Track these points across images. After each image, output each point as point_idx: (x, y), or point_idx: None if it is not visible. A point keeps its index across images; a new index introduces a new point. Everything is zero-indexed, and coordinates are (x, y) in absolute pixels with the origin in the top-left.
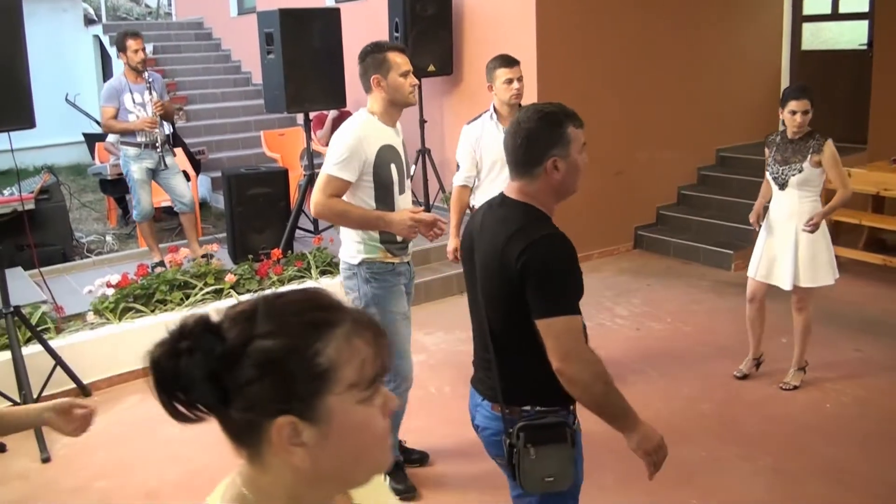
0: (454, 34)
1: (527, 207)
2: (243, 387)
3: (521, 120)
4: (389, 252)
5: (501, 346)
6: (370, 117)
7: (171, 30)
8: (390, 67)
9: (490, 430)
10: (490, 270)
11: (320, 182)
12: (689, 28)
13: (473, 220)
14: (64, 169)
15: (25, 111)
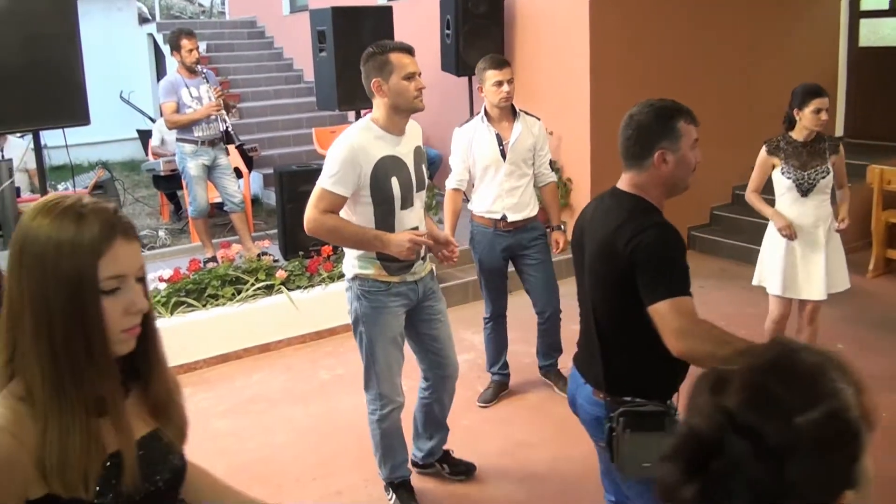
0: (506, 31)
1: (636, 198)
2: (803, 478)
3: (634, 112)
4: (386, 270)
5: (607, 335)
6: (370, 126)
7: (225, 28)
8: (392, 70)
9: (591, 413)
10: (599, 260)
11: (313, 196)
12: (743, 25)
13: (584, 212)
14: (118, 165)
15: (80, 108)
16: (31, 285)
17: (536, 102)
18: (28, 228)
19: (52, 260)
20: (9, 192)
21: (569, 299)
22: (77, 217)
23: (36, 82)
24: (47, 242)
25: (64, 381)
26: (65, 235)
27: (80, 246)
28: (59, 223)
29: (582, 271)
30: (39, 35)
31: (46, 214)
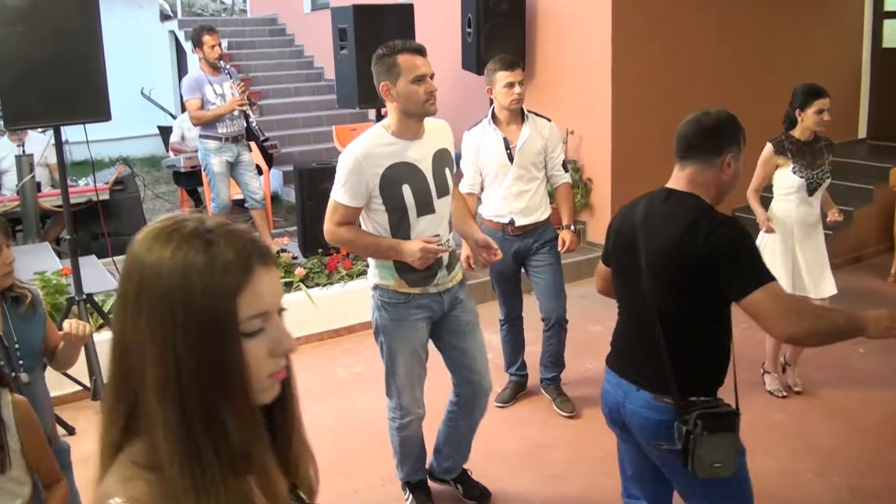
0: (527, 30)
1: (697, 199)
2: None
3: (710, 110)
4: (405, 281)
5: (674, 337)
6: (380, 132)
7: (246, 26)
8: (400, 72)
9: (651, 418)
10: (666, 262)
11: (328, 207)
12: (766, 25)
13: (632, 213)
14: (138, 161)
15: (101, 104)
16: (156, 332)
17: (557, 101)
18: (145, 262)
19: (180, 301)
20: (30, 186)
21: (589, 300)
22: (205, 245)
23: (57, 78)
24: (172, 279)
25: (200, 446)
26: (193, 270)
27: (214, 282)
28: (184, 254)
29: (633, 275)
30: (61, 31)
31: (166, 243)
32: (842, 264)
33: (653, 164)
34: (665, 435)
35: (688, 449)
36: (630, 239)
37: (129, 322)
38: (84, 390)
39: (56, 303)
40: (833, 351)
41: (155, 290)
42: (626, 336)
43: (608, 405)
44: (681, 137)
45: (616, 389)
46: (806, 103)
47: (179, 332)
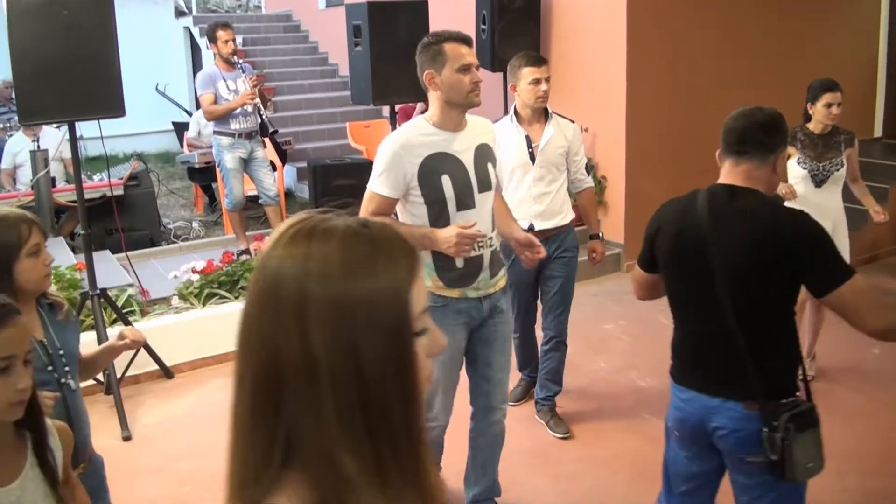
0: (542, 26)
1: (763, 195)
2: None
3: (762, 107)
4: (443, 282)
5: (756, 339)
6: (421, 123)
7: (261, 22)
8: (445, 61)
9: (743, 430)
10: (748, 260)
11: (365, 198)
12: (782, 21)
13: (689, 214)
14: (153, 156)
15: (116, 100)
16: (334, 342)
17: (572, 98)
18: (303, 267)
19: (363, 301)
20: (44, 181)
21: (602, 299)
22: (368, 240)
23: (72, 74)
24: (348, 279)
25: (385, 462)
26: (370, 265)
27: (393, 276)
28: (353, 252)
29: (703, 279)
30: (76, 27)
31: (323, 242)
32: (857, 264)
33: (667, 162)
34: (757, 445)
35: (784, 456)
36: (696, 241)
37: (287, 339)
38: (97, 384)
39: (70, 297)
40: (847, 353)
41: (327, 295)
42: (698, 347)
43: (689, 424)
44: (733, 131)
45: (696, 407)
46: (816, 97)
47: (363, 337)
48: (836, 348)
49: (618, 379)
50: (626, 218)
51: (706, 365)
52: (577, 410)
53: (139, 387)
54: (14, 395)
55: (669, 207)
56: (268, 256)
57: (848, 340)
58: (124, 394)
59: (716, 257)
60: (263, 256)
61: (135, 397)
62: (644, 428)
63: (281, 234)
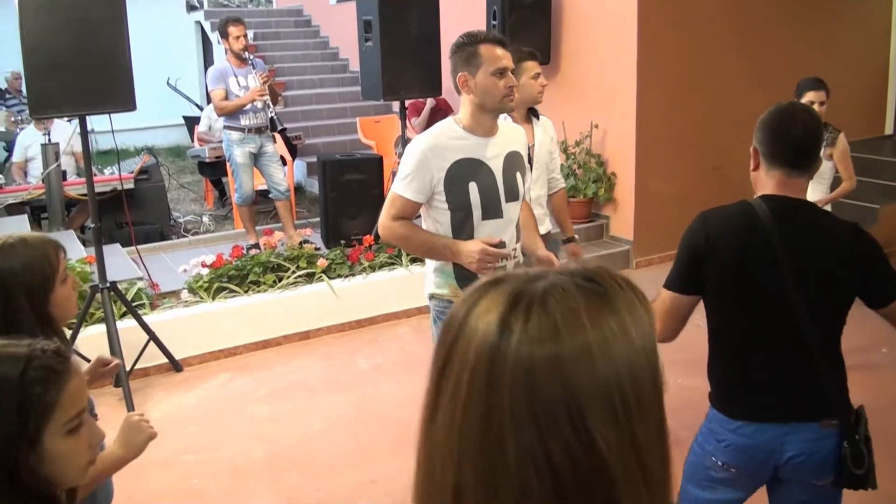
0: (553, 23)
1: (819, 208)
2: None
3: (810, 109)
4: (462, 291)
5: (834, 357)
6: (450, 125)
7: (272, 17)
8: (481, 63)
9: (818, 452)
10: (831, 280)
11: (387, 200)
12: (793, 20)
13: (757, 230)
14: (163, 150)
15: (127, 94)
16: (606, 437)
17: (582, 95)
18: (555, 352)
19: (632, 386)
20: (55, 174)
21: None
22: (608, 303)
23: (83, 68)
24: (616, 361)
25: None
26: (632, 339)
27: (650, 347)
28: (608, 324)
29: (773, 297)
30: (87, 21)
31: (575, 322)
32: None
33: (677, 159)
34: (832, 466)
35: (869, 467)
36: (766, 260)
37: (523, 436)
38: None
39: (80, 291)
40: (857, 351)
41: (591, 383)
42: (765, 374)
43: (756, 461)
44: (793, 143)
45: (764, 440)
46: (800, 95)
47: (639, 428)
48: (844, 346)
49: None
50: (636, 215)
51: (774, 391)
52: None
53: (148, 380)
54: (90, 453)
55: (720, 220)
56: (477, 334)
57: (856, 338)
58: (133, 387)
59: (792, 277)
60: (492, 350)
61: (144, 390)
62: None
63: (492, 304)
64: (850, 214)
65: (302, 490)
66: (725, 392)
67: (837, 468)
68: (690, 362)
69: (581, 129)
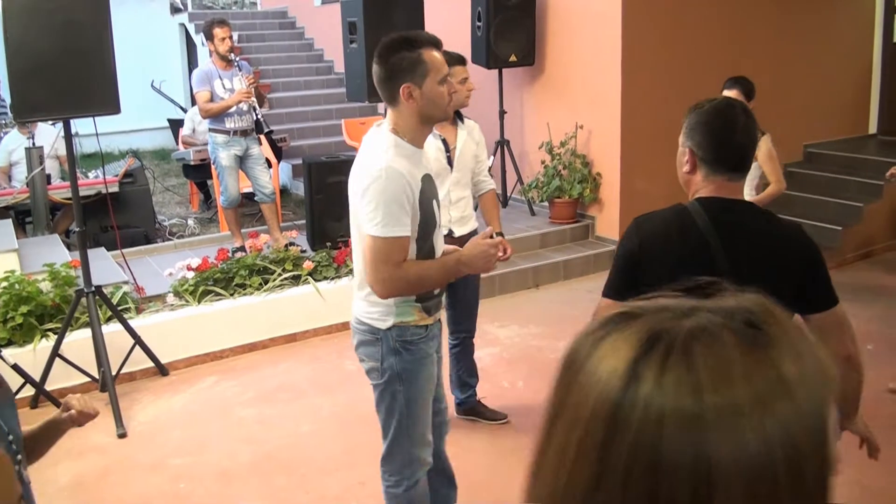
0: (537, 23)
1: (758, 207)
2: None
3: (736, 105)
4: (426, 312)
5: None
6: (399, 141)
7: (256, 19)
8: (427, 71)
9: None
10: (760, 279)
11: (375, 252)
12: (777, 19)
13: (693, 234)
14: (148, 153)
15: (111, 97)
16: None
17: (567, 95)
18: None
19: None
20: (39, 178)
21: (596, 295)
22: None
23: (67, 71)
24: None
25: None
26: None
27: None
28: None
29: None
30: (71, 23)
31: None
32: (852, 260)
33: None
34: None
35: None
36: (704, 264)
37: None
38: (92, 382)
39: (65, 295)
40: None
41: (733, 456)
42: None
43: None
44: (733, 147)
45: None
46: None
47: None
48: None
49: None
50: (622, 215)
51: None
52: None
53: (134, 384)
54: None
55: (653, 225)
56: (636, 405)
57: None
58: (119, 391)
59: (729, 279)
60: (613, 406)
61: (130, 394)
62: None
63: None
64: (834, 213)
65: (290, 492)
66: None
67: None
68: None
69: (566, 129)
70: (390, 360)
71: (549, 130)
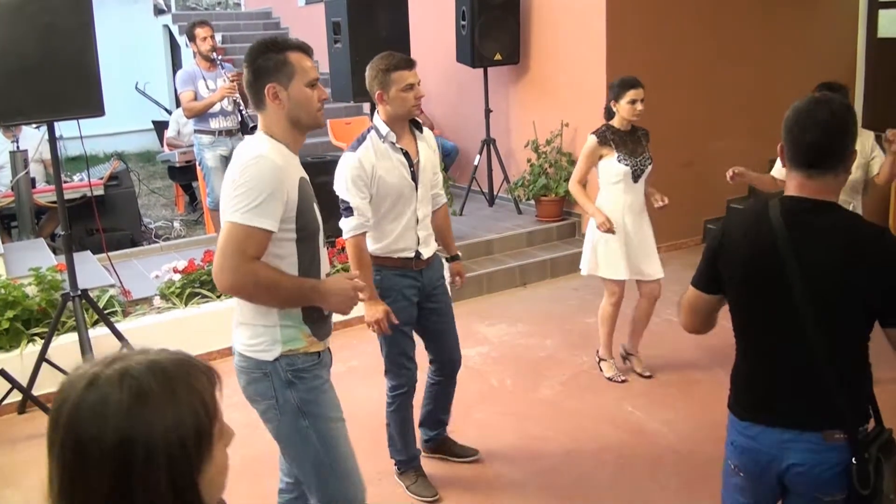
0: (522, 22)
1: (845, 210)
2: None
3: (833, 100)
4: (315, 336)
5: (844, 367)
6: (271, 140)
7: (240, 20)
8: (293, 73)
9: (821, 465)
10: (833, 284)
11: (228, 238)
12: (761, 16)
13: (767, 232)
14: (133, 156)
15: (95, 99)
16: None
17: (552, 94)
18: None
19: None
20: (24, 182)
21: (583, 292)
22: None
23: (51, 73)
24: None
25: None
26: None
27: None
28: None
29: (780, 301)
30: (54, 26)
31: None
32: None
33: None
34: (838, 481)
35: (876, 489)
36: (774, 263)
37: None
38: None
39: (51, 299)
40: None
41: None
42: (770, 377)
43: (758, 463)
44: (806, 146)
45: (767, 443)
46: (619, 95)
47: None
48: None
49: (600, 373)
50: None
51: (780, 396)
52: (561, 404)
53: None
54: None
55: (736, 219)
56: None
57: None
58: None
59: (799, 283)
60: None
61: None
62: (628, 421)
63: None
64: None
65: None
66: (736, 391)
67: (847, 485)
68: None
69: (551, 127)
70: (285, 393)
71: (534, 129)
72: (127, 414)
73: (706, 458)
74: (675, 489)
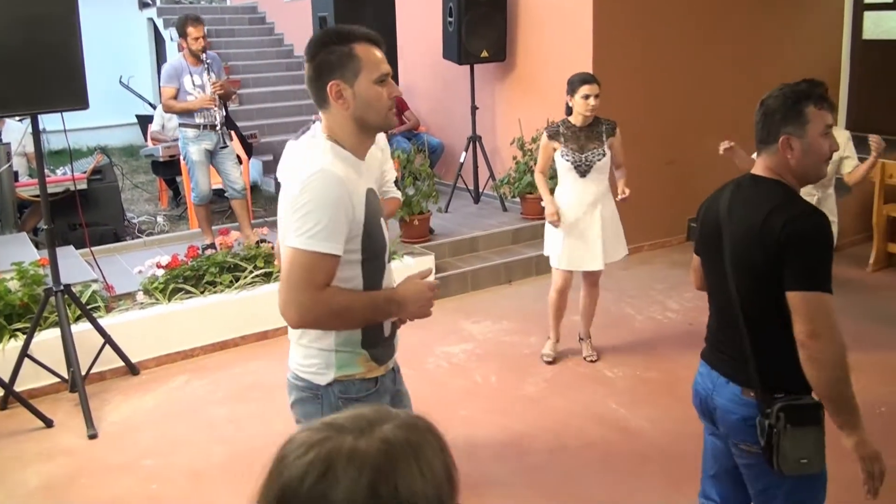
0: (508, 19)
1: (780, 184)
2: None
3: (765, 96)
4: (375, 360)
5: (756, 326)
6: (335, 146)
7: (226, 14)
8: (360, 68)
9: (737, 413)
10: (749, 248)
11: (297, 267)
12: (747, 17)
13: (717, 201)
14: (117, 150)
15: (79, 92)
16: None
17: (538, 91)
18: None
19: None
20: (7, 176)
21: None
22: None
23: (35, 66)
24: None
25: None
26: None
27: None
28: None
29: (718, 264)
30: (38, 18)
31: None
32: None
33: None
34: (749, 433)
35: (771, 444)
36: (714, 228)
37: None
38: (62, 382)
39: (33, 294)
40: None
41: None
42: (716, 329)
43: (699, 395)
44: (755, 125)
45: (706, 380)
46: (574, 90)
47: None
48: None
49: (585, 370)
50: None
51: (719, 346)
52: (545, 401)
53: (104, 384)
54: None
55: (710, 198)
56: None
57: None
58: (89, 391)
59: (727, 246)
60: None
61: (100, 394)
62: (612, 418)
63: None
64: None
65: None
66: (705, 337)
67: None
68: None
69: (537, 125)
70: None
71: (520, 126)
72: None
73: (690, 454)
74: (660, 486)
